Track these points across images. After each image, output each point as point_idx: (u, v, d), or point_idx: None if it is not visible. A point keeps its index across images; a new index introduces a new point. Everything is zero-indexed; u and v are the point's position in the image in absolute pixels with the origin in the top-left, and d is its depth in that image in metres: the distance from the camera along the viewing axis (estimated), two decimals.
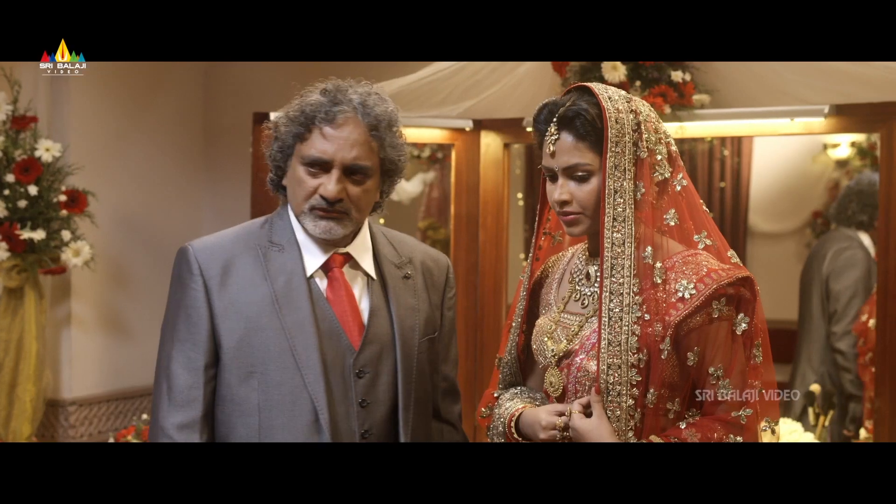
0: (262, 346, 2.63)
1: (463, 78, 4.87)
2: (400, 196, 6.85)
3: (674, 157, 2.62)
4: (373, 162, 2.66)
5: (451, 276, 2.95)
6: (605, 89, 2.59)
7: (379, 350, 2.71)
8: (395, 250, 2.84)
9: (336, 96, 2.66)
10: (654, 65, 4.30)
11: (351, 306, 2.71)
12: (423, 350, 2.78)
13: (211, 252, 2.70)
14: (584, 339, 2.60)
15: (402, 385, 2.71)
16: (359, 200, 2.67)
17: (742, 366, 2.53)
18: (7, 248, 4.59)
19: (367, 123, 2.64)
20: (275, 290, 2.65)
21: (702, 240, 2.59)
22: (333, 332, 2.68)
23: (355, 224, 2.70)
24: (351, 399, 2.66)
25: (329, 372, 2.64)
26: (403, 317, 2.75)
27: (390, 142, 2.69)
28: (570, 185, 2.58)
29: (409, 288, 2.80)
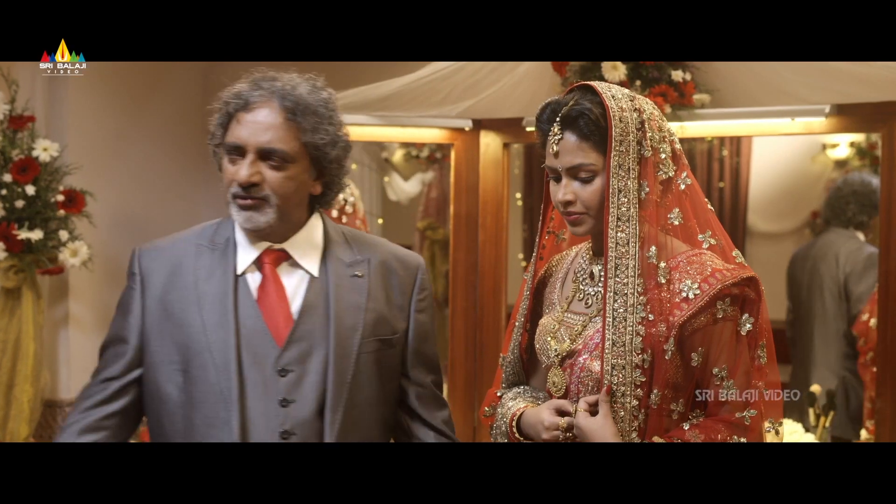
0: (183, 345, 2.63)
1: (462, 77, 4.86)
2: (398, 196, 6.86)
3: (678, 156, 2.61)
4: (291, 146, 2.60)
5: (423, 277, 2.85)
6: (609, 88, 2.58)
7: (307, 348, 2.64)
8: (352, 250, 2.77)
9: (257, 83, 2.65)
10: (654, 64, 4.30)
11: (280, 304, 2.66)
12: (369, 350, 2.68)
13: (154, 254, 2.75)
14: (588, 339, 2.59)
15: (333, 385, 2.62)
16: (279, 186, 2.60)
17: (746, 366, 2.52)
18: (4, 248, 4.55)
19: (285, 107, 2.60)
20: (201, 290, 2.65)
21: (706, 239, 2.58)
22: (257, 330, 2.63)
23: (279, 213, 2.62)
24: (272, 398, 2.60)
25: (248, 370, 2.60)
26: (343, 315, 2.66)
27: (314, 126, 2.62)
28: (573, 185, 2.57)
29: (356, 287, 2.71)
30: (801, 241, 6.75)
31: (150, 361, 2.68)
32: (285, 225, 2.67)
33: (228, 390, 2.57)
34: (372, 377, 2.68)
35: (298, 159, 2.62)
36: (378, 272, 2.76)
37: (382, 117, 4.90)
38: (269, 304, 2.66)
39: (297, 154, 2.61)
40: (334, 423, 2.60)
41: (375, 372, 2.69)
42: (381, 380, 2.71)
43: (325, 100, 2.66)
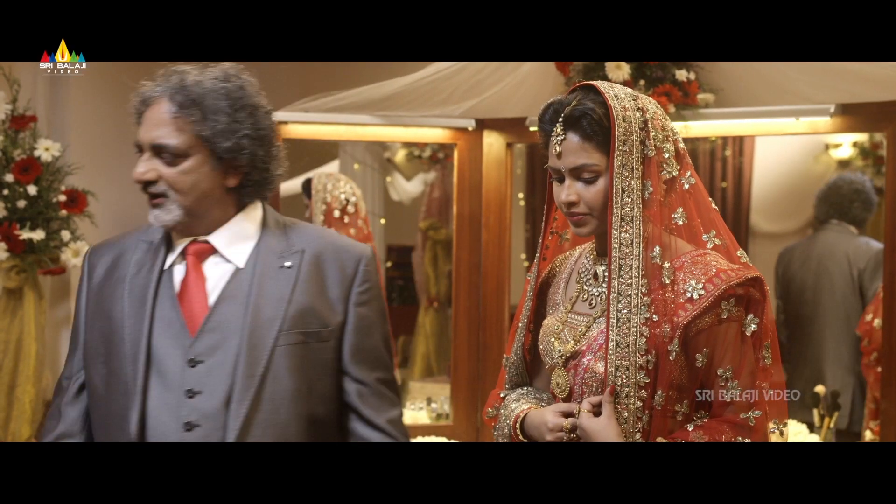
0: (107, 337, 2.63)
1: (465, 77, 4.86)
2: (401, 196, 6.85)
3: (682, 155, 2.60)
4: (182, 140, 2.55)
5: (366, 268, 2.72)
6: (611, 87, 2.56)
7: (221, 339, 2.57)
8: (287, 241, 2.69)
9: (157, 80, 2.63)
10: (658, 64, 4.30)
11: (199, 295, 2.62)
12: (288, 343, 2.58)
13: (101, 252, 2.77)
14: (592, 340, 2.57)
15: (240, 377, 2.53)
16: (174, 182, 2.56)
17: (751, 367, 2.51)
18: (6, 248, 4.56)
19: (175, 100, 2.56)
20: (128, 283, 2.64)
21: (710, 239, 2.57)
22: (172, 321, 2.59)
23: (184, 209, 2.58)
24: (179, 388, 2.55)
25: (161, 361, 2.57)
26: (262, 306, 2.58)
27: (204, 117, 2.56)
28: (577, 185, 2.55)
29: (283, 278, 2.63)
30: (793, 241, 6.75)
31: (84, 354, 2.69)
32: (200, 220, 2.63)
33: (135, 380, 2.55)
34: (292, 371, 2.58)
35: (193, 152, 2.57)
36: (311, 263, 2.67)
37: (385, 117, 4.90)
38: (188, 295, 2.62)
39: (190, 147, 2.57)
40: (238, 416, 2.52)
41: (297, 366, 2.59)
42: (304, 375, 2.61)
43: (228, 89, 2.60)
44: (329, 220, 5.57)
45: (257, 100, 2.64)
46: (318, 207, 5.57)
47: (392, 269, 6.76)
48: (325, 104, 4.89)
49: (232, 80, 2.62)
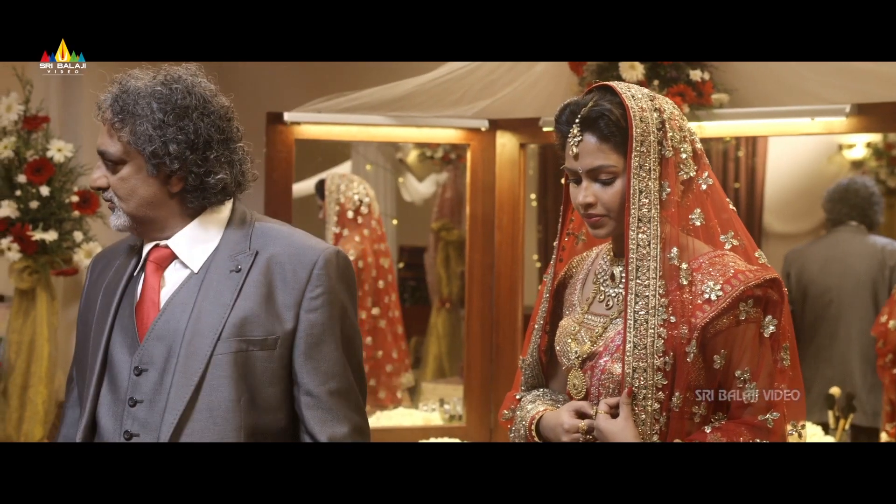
0: (84, 345, 2.65)
1: (478, 77, 4.85)
2: (413, 197, 6.84)
3: (699, 155, 2.58)
4: (116, 148, 2.53)
5: (320, 272, 2.57)
6: (628, 87, 2.55)
7: (166, 347, 2.52)
8: (247, 242, 2.60)
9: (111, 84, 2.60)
10: (672, 64, 4.28)
11: (153, 301, 2.57)
12: (228, 351, 2.49)
13: (98, 259, 2.80)
14: (609, 341, 2.56)
15: (176, 386, 2.47)
16: (116, 189, 2.56)
17: (770, 369, 2.49)
18: (19, 249, 4.57)
19: (114, 108, 2.53)
20: (105, 289, 2.65)
21: (728, 240, 2.55)
22: (127, 329, 2.57)
23: (129, 214, 2.57)
24: (124, 397, 2.52)
25: (113, 369, 2.55)
26: (204, 312, 2.51)
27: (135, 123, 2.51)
28: (594, 187, 2.54)
29: (230, 283, 2.54)
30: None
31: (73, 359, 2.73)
32: (152, 225, 2.60)
33: (87, 389, 2.56)
34: (232, 381, 2.49)
35: (129, 159, 2.54)
36: (262, 267, 2.56)
37: (398, 117, 4.89)
38: (144, 302, 2.58)
39: (126, 154, 2.54)
40: (169, 426, 2.47)
41: (237, 376, 2.50)
42: (246, 385, 2.51)
43: (162, 93, 2.53)
44: (343, 221, 5.57)
45: (197, 103, 2.55)
46: (332, 208, 5.57)
47: (404, 270, 6.74)
48: (337, 104, 4.88)
49: (174, 83, 2.56)
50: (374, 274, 5.67)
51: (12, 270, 4.65)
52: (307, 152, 5.32)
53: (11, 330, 4.71)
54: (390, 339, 5.76)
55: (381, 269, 5.70)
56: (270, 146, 4.90)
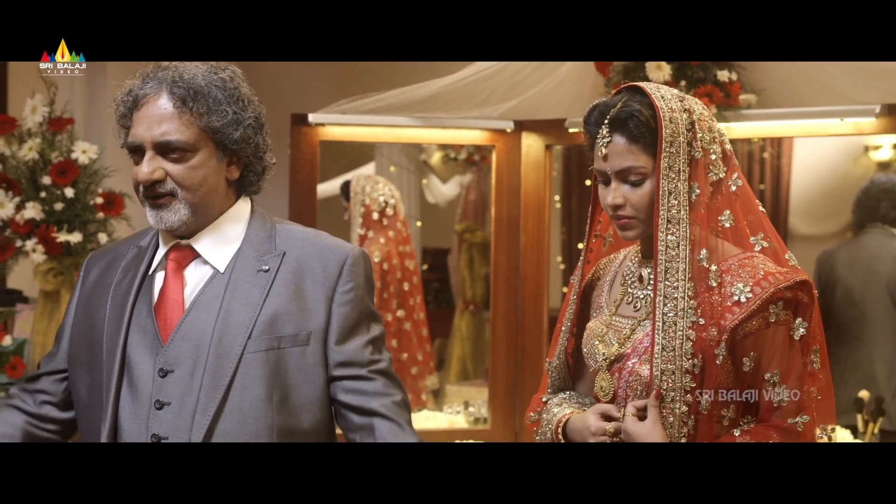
0: (90, 345, 2.56)
1: (504, 78, 4.84)
2: (436, 198, 6.84)
3: (728, 157, 2.57)
4: (189, 135, 2.47)
5: (350, 268, 2.59)
6: (657, 88, 2.53)
7: (193, 348, 2.48)
8: (272, 243, 2.59)
9: (146, 76, 2.54)
10: (699, 64, 4.27)
11: (176, 301, 2.53)
12: (259, 350, 2.47)
13: (97, 257, 2.72)
14: (637, 343, 2.54)
15: (206, 387, 2.44)
16: (184, 179, 2.48)
17: (799, 371, 2.47)
18: (43, 250, 4.56)
19: (175, 95, 2.48)
20: (113, 290, 2.58)
21: (758, 241, 2.54)
22: (147, 329, 2.51)
23: (191, 207, 2.50)
24: (148, 399, 2.47)
25: (133, 371, 2.49)
26: (232, 312, 2.49)
27: (209, 108, 2.49)
28: (623, 188, 2.52)
29: (259, 282, 2.52)
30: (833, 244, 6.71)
31: (70, 361, 2.64)
32: (203, 218, 2.56)
33: (108, 392, 2.49)
34: (263, 379, 2.48)
35: (200, 147, 2.50)
36: (291, 266, 2.56)
37: (423, 119, 4.88)
38: (166, 302, 2.54)
39: (197, 141, 2.49)
40: (201, 428, 2.43)
41: (270, 374, 2.49)
42: (278, 382, 2.50)
43: (223, 79, 2.53)
44: (368, 223, 5.56)
45: (247, 89, 2.59)
46: (357, 210, 5.57)
47: (428, 272, 6.73)
48: (362, 106, 4.87)
49: (224, 70, 2.56)
50: (399, 276, 5.66)
51: (37, 272, 4.65)
52: (331, 154, 5.31)
53: (36, 332, 4.71)
54: (415, 341, 5.75)
55: (406, 271, 5.69)
56: (295, 147, 4.89)
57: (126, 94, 2.54)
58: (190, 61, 2.57)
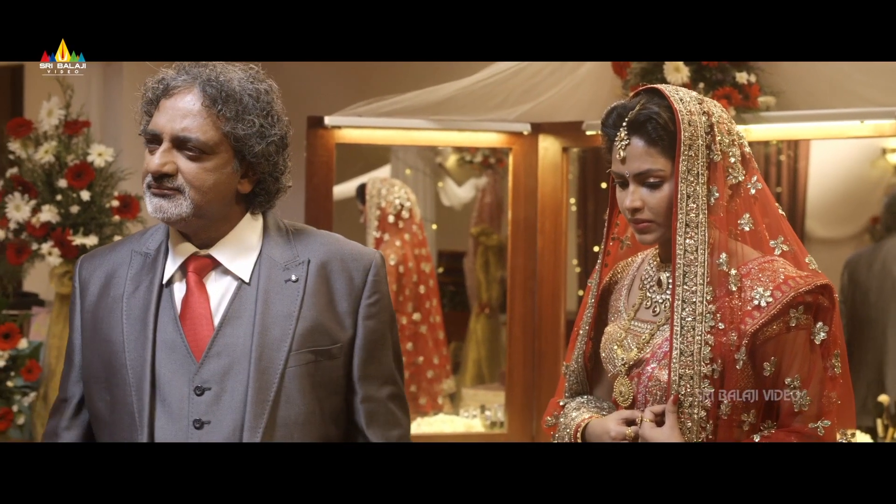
0: (107, 362, 2.46)
1: (520, 81, 4.83)
2: (452, 201, 6.83)
3: (747, 160, 2.55)
4: (209, 136, 2.40)
5: (375, 278, 2.56)
6: (676, 91, 2.51)
7: (228, 364, 2.42)
8: (293, 250, 2.53)
9: (184, 68, 2.47)
10: (717, 66, 4.25)
11: (203, 315, 2.46)
12: (299, 364, 2.44)
13: (92, 263, 2.59)
14: (656, 348, 2.52)
15: (252, 404, 2.39)
16: (193, 178, 2.40)
17: (820, 376, 2.45)
18: (59, 253, 4.56)
19: (206, 93, 2.41)
20: (126, 303, 2.48)
21: (778, 245, 2.51)
22: (175, 345, 2.44)
23: (195, 207, 2.41)
24: (186, 419, 2.41)
25: (164, 389, 2.42)
26: (269, 325, 2.43)
27: (236, 115, 2.42)
28: (641, 191, 2.50)
29: (290, 293, 2.47)
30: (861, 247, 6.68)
31: (84, 377, 2.53)
32: (204, 222, 2.47)
33: (140, 412, 2.40)
34: (304, 394, 2.45)
35: (218, 151, 2.42)
36: (318, 275, 2.50)
37: (439, 121, 4.87)
38: (192, 316, 2.46)
39: (216, 144, 2.42)
40: None
41: (308, 387, 2.45)
42: (316, 396, 2.47)
43: (258, 90, 2.46)
44: (384, 226, 5.56)
45: (280, 107, 2.52)
46: (373, 213, 5.57)
47: (443, 275, 6.72)
48: (378, 108, 4.87)
49: (263, 82, 2.51)
50: (414, 279, 5.65)
51: (53, 275, 4.64)
52: (347, 156, 5.31)
53: (52, 335, 4.70)
54: (431, 344, 5.74)
55: (421, 274, 5.69)
56: (311, 150, 4.88)
57: (157, 82, 2.47)
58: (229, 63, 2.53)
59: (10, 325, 4.60)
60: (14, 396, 4.61)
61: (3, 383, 4.61)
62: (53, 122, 4.65)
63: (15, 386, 4.63)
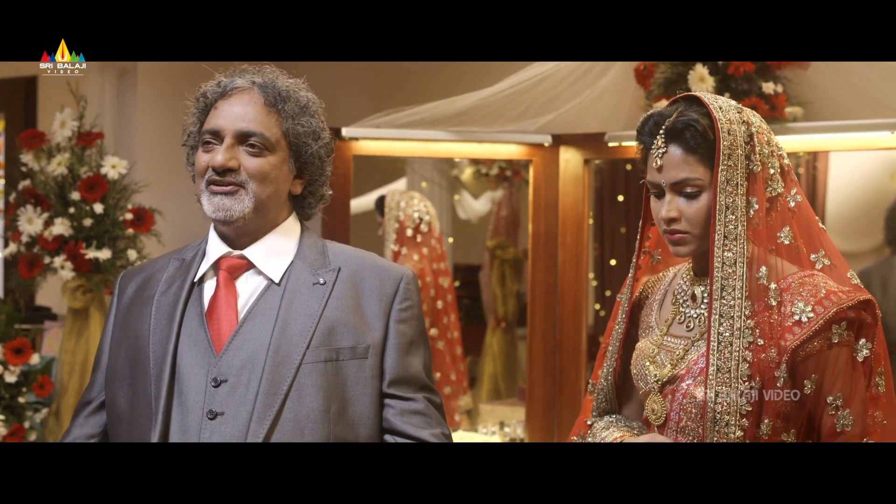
0: (133, 357, 2.52)
1: (541, 91, 4.78)
2: (468, 214, 6.82)
3: (787, 172, 2.48)
4: (271, 133, 2.50)
5: (407, 287, 2.61)
6: (715, 99, 2.45)
7: (246, 357, 2.45)
8: (325, 259, 2.59)
9: (238, 74, 2.58)
10: (743, 76, 4.22)
11: (228, 311, 2.51)
12: (317, 360, 2.44)
13: (132, 274, 2.69)
14: (692, 364, 2.46)
15: (263, 395, 2.41)
16: (257, 172, 2.48)
17: (863, 395, 2.38)
18: (72, 267, 4.53)
19: (265, 94, 2.52)
20: (157, 301, 2.55)
21: (819, 259, 2.45)
22: (198, 339, 2.48)
23: (256, 203, 2.49)
24: (200, 409, 2.44)
25: (183, 380, 2.45)
26: (290, 321, 2.47)
27: (294, 114, 2.53)
28: (678, 201, 2.44)
29: (315, 293, 2.51)
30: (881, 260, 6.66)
31: (108, 377, 2.58)
32: (259, 221, 2.54)
33: (157, 401, 2.44)
34: (319, 391, 2.45)
35: (278, 148, 2.52)
36: (347, 280, 2.56)
37: (458, 133, 4.82)
38: (217, 311, 2.51)
39: (277, 142, 2.51)
40: (257, 437, 2.39)
41: (325, 386, 2.46)
42: (336, 394, 2.47)
43: (307, 97, 2.58)
44: (402, 239, 5.53)
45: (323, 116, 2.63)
46: (391, 225, 5.55)
47: (459, 289, 6.69)
48: (396, 120, 4.83)
49: (308, 92, 2.60)
50: (432, 294, 5.63)
51: (66, 289, 4.62)
52: (363, 169, 5.27)
53: (64, 350, 4.68)
54: (448, 360, 5.70)
55: (439, 289, 5.65)
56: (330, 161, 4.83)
57: (215, 85, 2.57)
58: None
59: (21, 340, 4.56)
60: (26, 413, 4.58)
61: (15, 399, 4.57)
62: (66, 134, 4.63)
63: (27, 402, 4.60)
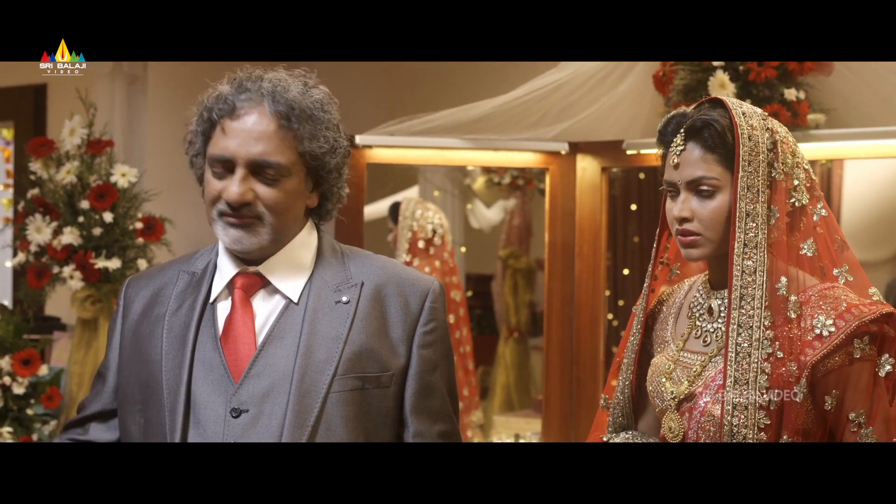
0: (144, 382, 2.38)
1: (558, 98, 4.74)
2: (480, 224, 6.80)
3: (813, 185, 2.44)
4: (287, 158, 2.31)
5: (432, 305, 2.46)
6: (740, 104, 2.43)
7: (268, 385, 2.31)
8: (345, 271, 2.44)
9: (243, 83, 2.36)
10: (765, 81, 4.17)
11: (246, 335, 2.37)
12: (343, 389, 2.32)
13: (138, 283, 2.52)
14: (709, 380, 2.41)
15: (289, 429, 2.28)
16: (274, 204, 2.32)
17: (886, 412, 2.33)
18: (81, 277, 4.51)
19: (277, 112, 2.32)
20: (168, 322, 2.40)
21: (842, 274, 2.40)
22: (213, 365, 2.35)
23: (274, 232, 2.35)
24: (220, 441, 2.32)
25: (199, 410, 2.32)
26: (314, 347, 2.33)
27: (310, 132, 2.33)
28: (692, 201, 2.40)
29: (339, 315, 2.36)
30: None
31: (120, 400, 2.45)
32: (277, 245, 2.40)
33: (173, 433, 2.31)
34: (346, 422, 2.32)
35: (294, 172, 2.34)
36: (371, 298, 2.40)
37: (474, 141, 4.78)
38: (234, 335, 2.37)
39: (294, 166, 2.34)
40: None
41: (352, 416, 2.33)
42: (361, 425, 2.35)
43: (320, 100, 2.37)
44: (414, 250, 5.51)
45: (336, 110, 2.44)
46: (404, 234, 5.52)
47: (471, 299, 6.67)
48: (410, 127, 4.79)
49: (318, 88, 2.41)
50: None
51: (74, 299, 4.59)
52: (376, 177, 5.24)
53: (73, 361, 4.66)
54: (461, 374, 5.66)
55: (451, 303, 5.63)
56: None
57: (217, 100, 2.37)
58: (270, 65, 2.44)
59: (30, 351, 4.54)
60: (34, 425, 4.56)
61: (23, 411, 4.55)
62: (76, 142, 4.60)
63: (35, 414, 4.58)
